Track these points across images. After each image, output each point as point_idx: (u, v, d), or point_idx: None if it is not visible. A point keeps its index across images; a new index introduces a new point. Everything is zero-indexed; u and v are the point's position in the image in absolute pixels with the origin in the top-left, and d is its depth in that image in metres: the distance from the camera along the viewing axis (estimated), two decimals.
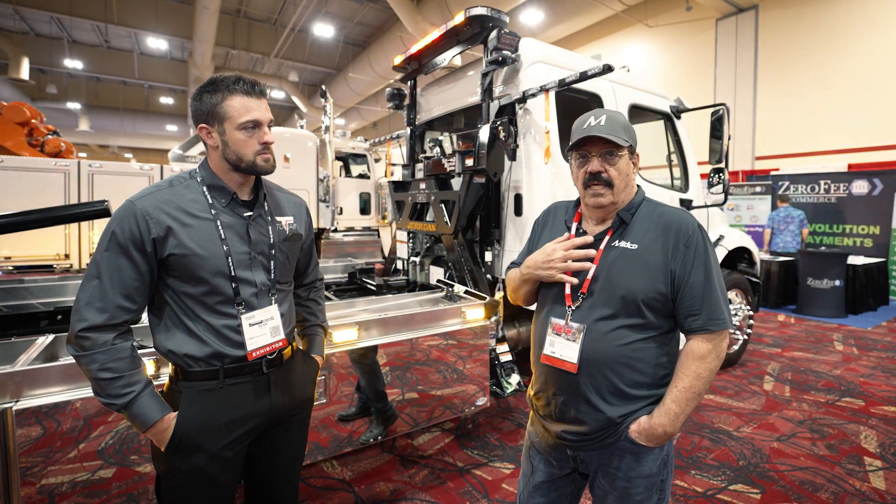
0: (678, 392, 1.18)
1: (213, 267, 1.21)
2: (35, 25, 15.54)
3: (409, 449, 2.86)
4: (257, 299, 1.29)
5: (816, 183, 8.47)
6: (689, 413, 1.19)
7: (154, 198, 1.21)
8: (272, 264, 1.33)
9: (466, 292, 2.78)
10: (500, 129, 2.85)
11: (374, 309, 2.49)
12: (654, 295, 1.20)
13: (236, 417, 1.26)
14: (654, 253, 1.22)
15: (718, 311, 1.20)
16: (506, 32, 2.92)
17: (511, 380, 2.81)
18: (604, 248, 1.27)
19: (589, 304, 1.25)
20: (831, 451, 2.89)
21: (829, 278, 6.61)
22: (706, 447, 2.91)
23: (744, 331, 4.38)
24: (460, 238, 3.11)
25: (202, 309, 1.22)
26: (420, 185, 3.64)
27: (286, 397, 1.36)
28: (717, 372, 1.21)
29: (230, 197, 1.28)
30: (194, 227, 1.21)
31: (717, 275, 1.23)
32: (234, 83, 1.23)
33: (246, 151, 1.24)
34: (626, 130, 1.26)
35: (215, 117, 1.23)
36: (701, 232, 1.24)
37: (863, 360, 4.71)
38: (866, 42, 8.39)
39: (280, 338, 1.32)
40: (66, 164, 6.06)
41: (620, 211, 1.29)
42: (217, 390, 1.24)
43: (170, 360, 1.24)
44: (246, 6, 15.01)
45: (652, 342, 1.22)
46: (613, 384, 1.22)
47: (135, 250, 1.16)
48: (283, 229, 1.38)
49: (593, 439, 1.25)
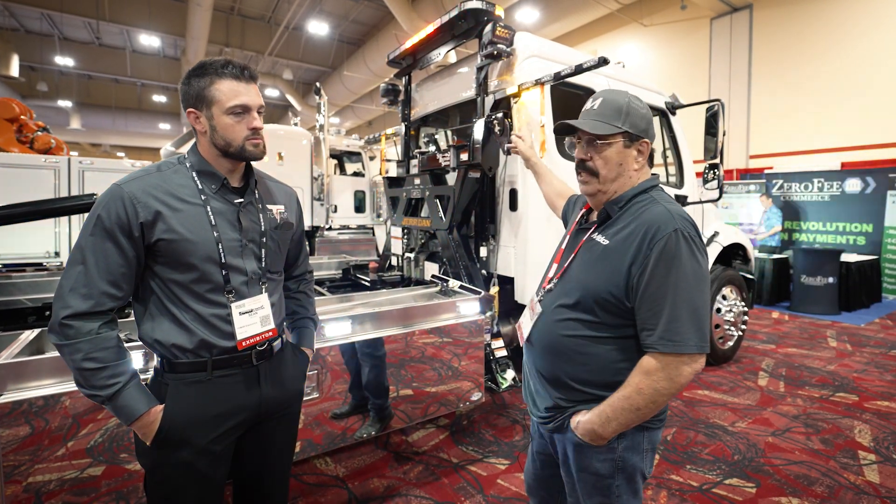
0: (616, 398, 1.12)
1: (203, 253, 1.17)
2: (25, 22, 15.35)
3: (403, 445, 2.84)
4: (247, 287, 1.26)
5: (810, 181, 8.52)
6: (625, 424, 1.12)
7: (142, 182, 1.17)
8: (263, 252, 1.29)
9: (461, 287, 2.76)
10: (495, 123, 2.83)
11: (367, 303, 2.47)
12: (606, 295, 1.13)
13: (225, 411, 1.22)
14: (620, 252, 1.14)
15: (676, 329, 1.05)
16: (500, 26, 2.90)
17: (506, 375, 2.79)
18: (585, 239, 1.25)
19: (557, 291, 1.26)
20: (826, 445, 2.89)
21: (822, 275, 6.64)
22: (701, 442, 2.91)
23: (738, 327, 4.39)
24: (455, 233, 3.09)
25: (190, 297, 1.19)
26: (414, 180, 3.62)
27: (276, 390, 1.32)
28: (666, 396, 1.08)
29: (220, 183, 1.25)
30: (184, 212, 1.17)
31: (689, 288, 1.06)
32: (223, 66, 1.19)
33: (234, 136, 1.21)
34: (622, 115, 1.18)
35: (203, 101, 1.20)
36: (680, 236, 1.08)
37: (856, 356, 4.73)
38: (859, 41, 8.45)
39: (270, 327, 1.29)
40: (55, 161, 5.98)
41: (607, 203, 1.23)
42: (205, 382, 1.20)
43: (155, 351, 1.21)
44: (240, 3, 14.90)
45: (607, 343, 1.16)
46: (553, 370, 1.23)
47: (121, 235, 1.12)
48: (273, 217, 1.35)
49: (546, 419, 1.27)
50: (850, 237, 8.09)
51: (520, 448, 2.80)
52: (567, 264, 1.26)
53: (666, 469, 2.60)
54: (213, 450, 1.21)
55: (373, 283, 3.52)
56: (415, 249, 3.76)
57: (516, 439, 2.91)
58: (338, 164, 9.65)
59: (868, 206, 7.85)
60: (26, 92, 19.00)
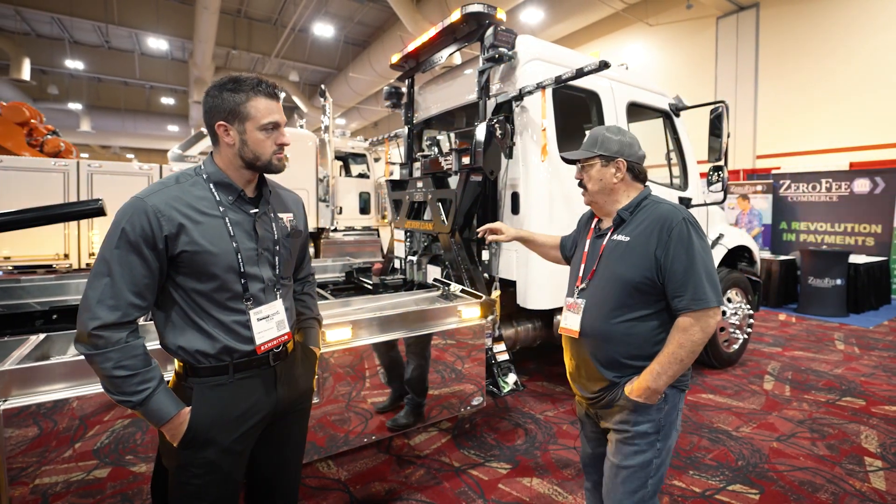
0: (663, 355, 1.37)
1: (224, 263, 1.23)
2: (36, 26, 15.57)
3: (405, 449, 2.85)
4: (264, 294, 1.32)
5: (818, 181, 8.43)
6: (673, 376, 1.38)
7: (164, 195, 1.21)
8: (277, 260, 1.36)
9: (463, 291, 2.77)
10: (497, 126, 2.83)
11: (369, 308, 2.48)
12: (642, 279, 1.40)
13: (246, 411, 1.29)
14: (642, 243, 1.42)
15: (701, 291, 1.35)
16: (502, 29, 2.91)
17: (508, 379, 2.79)
18: (606, 242, 1.52)
19: (592, 287, 1.52)
20: (831, 451, 2.87)
21: (830, 277, 6.57)
22: (705, 447, 2.89)
23: (744, 330, 4.35)
24: (457, 237, 3.10)
25: (212, 305, 1.24)
26: (417, 183, 3.63)
27: (290, 389, 1.40)
28: (701, 345, 1.36)
29: (237, 194, 1.31)
30: (204, 224, 1.22)
31: (703, 259, 1.37)
32: (258, 85, 1.27)
33: (264, 151, 1.29)
34: (597, 143, 1.52)
35: (237, 115, 1.26)
36: (686, 223, 1.40)
37: (864, 359, 4.68)
38: (868, 39, 8.35)
39: (286, 331, 1.36)
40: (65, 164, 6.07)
41: (620, 210, 1.51)
42: (227, 385, 1.26)
43: (178, 357, 1.26)
44: (246, 6, 15.01)
45: (648, 320, 1.43)
46: (609, 354, 1.46)
47: (146, 247, 1.16)
48: (285, 226, 1.42)
49: (597, 398, 1.51)
50: (859, 238, 7.99)
51: (521, 452, 2.80)
52: (595, 265, 1.52)
53: (668, 474, 2.58)
54: (236, 449, 1.27)
55: (375, 286, 3.53)
56: (418, 252, 3.77)
57: (518, 443, 2.91)
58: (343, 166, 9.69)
59: (877, 206, 7.75)
60: (37, 95, 19.26)
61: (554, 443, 2.93)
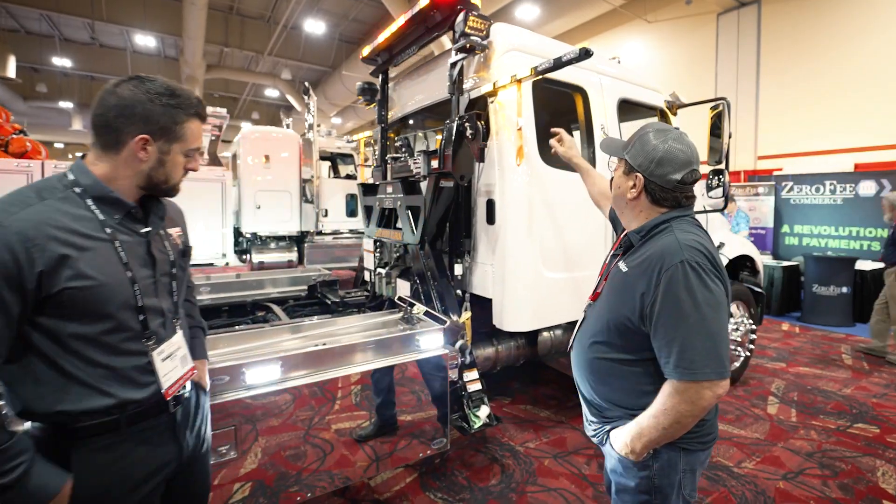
0: (644, 416, 1.16)
1: (120, 299, 1.01)
2: (25, 23, 15.23)
3: (363, 491, 2.51)
4: (164, 329, 1.13)
5: (822, 183, 8.11)
6: (655, 441, 1.15)
7: (29, 216, 0.91)
8: (174, 285, 1.17)
9: (427, 313, 2.43)
10: (467, 125, 2.50)
11: (314, 336, 2.14)
12: (624, 321, 1.18)
13: (147, 471, 1.08)
14: (634, 281, 1.18)
15: (689, 359, 1.06)
16: (475, 15, 2.57)
17: (480, 413, 2.46)
18: (613, 265, 1.31)
19: (592, 309, 1.35)
20: (845, 492, 2.54)
21: (835, 285, 6.24)
22: (703, 488, 2.56)
23: (745, 347, 4.03)
24: (426, 248, 2.76)
25: (98, 351, 1.00)
26: (388, 188, 3.29)
27: (193, 432, 1.21)
28: (690, 418, 1.10)
29: (126, 211, 1.05)
30: (91, 252, 0.96)
31: (699, 317, 1.07)
32: (198, 105, 1.13)
33: (176, 175, 1.14)
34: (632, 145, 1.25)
35: (167, 134, 1.08)
36: (686, 266, 1.09)
37: (874, 376, 4.35)
38: (873, 37, 8.02)
39: (190, 365, 1.19)
40: (28, 165, 5.74)
41: (630, 233, 1.28)
42: (118, 444, 1.03)
43: (50, 422, 0.97)
44: (238, 3, 14.68)
45: (634, 366, 1.20)
46: (590, 389, 1.31)
47: (6, 290, 0.87)
48: (176, 243, 1.21)
49: (593, 433, 1.34)
50: (865, 243, 7.65)
51: (495, 495, 2.47)
52: (600, 288, 1.34)
53: None
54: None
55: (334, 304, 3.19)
56: (389, 264, 3.44)
57: (492, 483, 2.58)
58: (331, 167, 9.37)
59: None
60: (27, 93, 18.92)
61: (533, 483, 2.59)
